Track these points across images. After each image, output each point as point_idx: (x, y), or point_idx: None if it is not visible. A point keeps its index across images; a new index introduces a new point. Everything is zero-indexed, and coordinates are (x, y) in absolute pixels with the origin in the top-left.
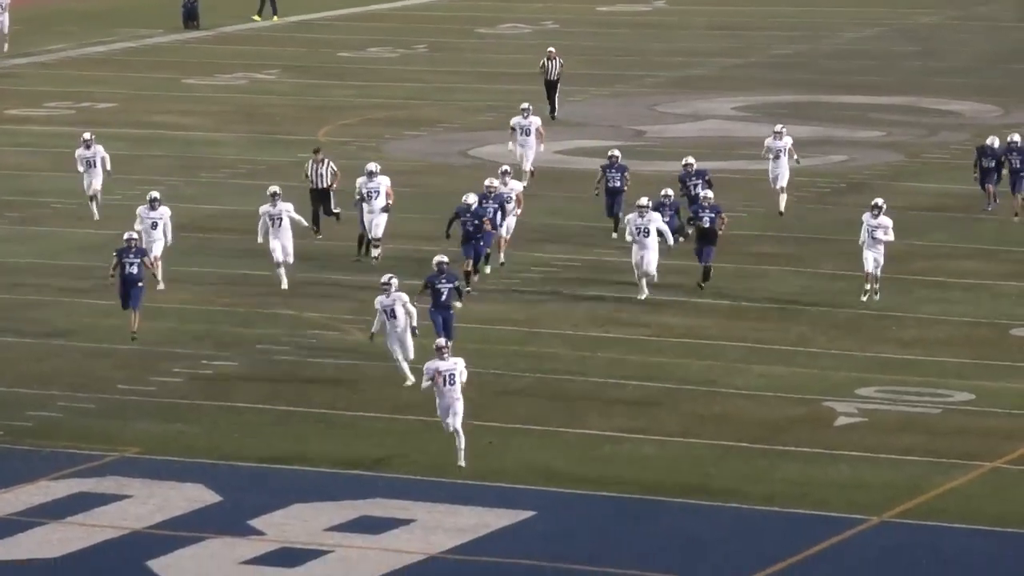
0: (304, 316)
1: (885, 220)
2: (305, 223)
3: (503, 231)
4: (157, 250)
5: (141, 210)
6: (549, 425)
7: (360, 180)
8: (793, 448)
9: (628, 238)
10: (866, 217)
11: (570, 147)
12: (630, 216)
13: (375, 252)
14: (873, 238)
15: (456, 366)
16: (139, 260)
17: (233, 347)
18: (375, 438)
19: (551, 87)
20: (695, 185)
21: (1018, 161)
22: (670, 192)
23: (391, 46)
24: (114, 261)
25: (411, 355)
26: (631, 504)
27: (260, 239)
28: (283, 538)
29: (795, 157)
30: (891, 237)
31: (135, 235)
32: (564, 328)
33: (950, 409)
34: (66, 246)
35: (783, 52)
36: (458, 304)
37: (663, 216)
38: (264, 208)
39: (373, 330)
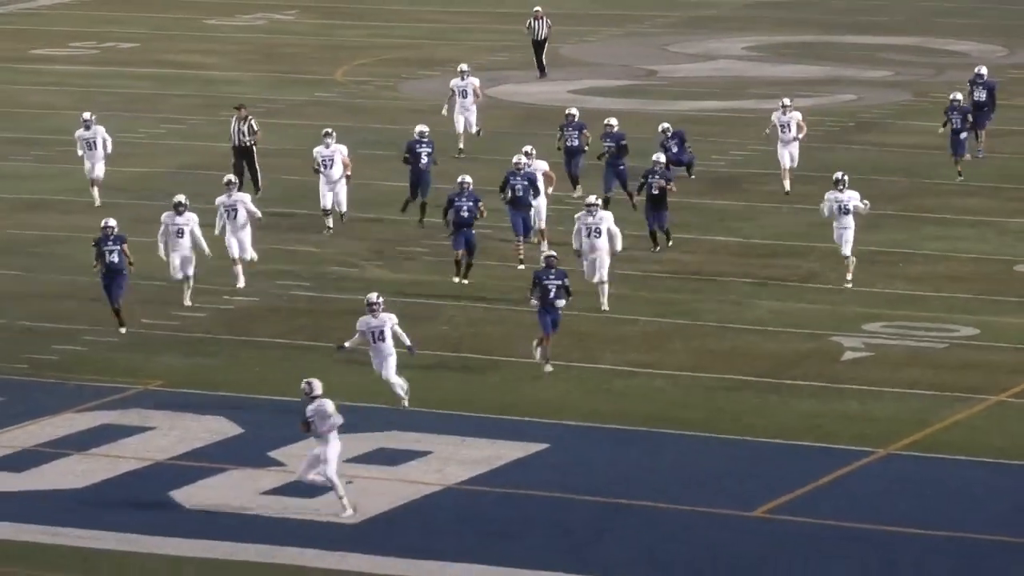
0: (322, 252)
1: (852, 193)
2: (259, 215)
3: (536, 217)
4: (188, 269)
5: (166, 216)
6: (561, 360)
7: (317, 149)
8: (802, 382)
9: (575, 243)
10: (830, 194)
11: (583, 87)
12: (578, 215)
13: (342, 222)
14: (843, 212)
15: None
16: (119, 248)
17: (253, 283)
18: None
19: (538, 47)
20: (674, 144)
21: (958, 120)
22: (667, 125)
23: None
24: (95, 252)
25: (392, 375)
26: (642, 437)
27: (217, 232)
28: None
29: (804, 133)
30: (864, 206)
31: (112, 221)
32: (577, 265)
33: (955, 344)
34: (88, 183)
35: None
36: (561, 302)
37: (669, 151)
38: (220, 199)
39: (346, 344)
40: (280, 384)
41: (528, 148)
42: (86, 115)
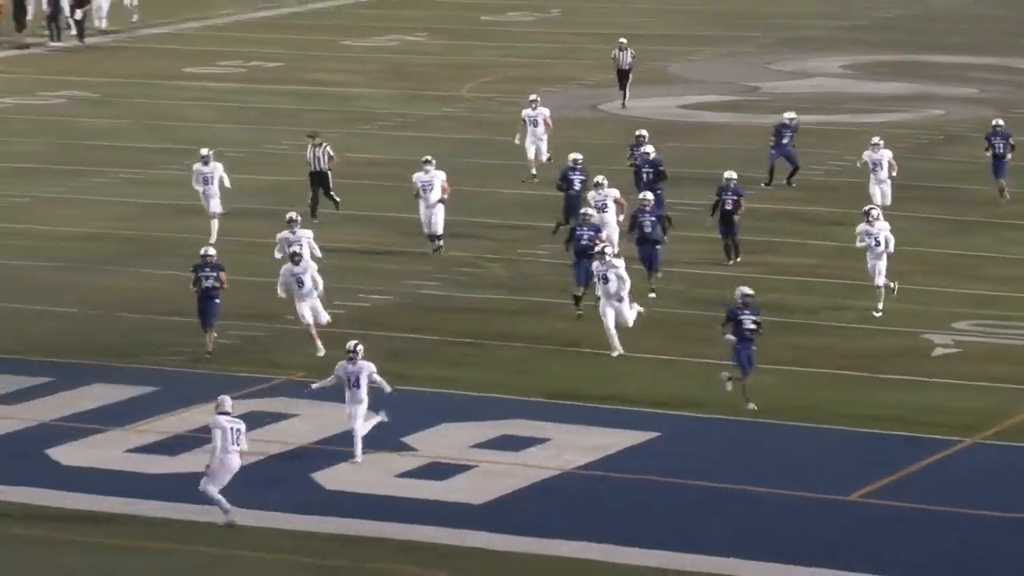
0: (451, 255)
1: (882, 225)
2: (319, 254)
3: (607, 245)
4: (314, 300)
5: (283, 235)
6: (670, 355)
7: (416, 175)
8: (894, 376)
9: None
10: (862, 226)
11: (690, 102)
12: (595, 265)
13: (439, 244)
14: (875, 244)
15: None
16: (215, 275)
17: (387, 282)
18: (515, 365)
19: (623, 76)
20: (647, 174)
21: (1001, 145)
22: (650, 197)
23: (528, 10)
24: (192, 276)
25: (364, 430)
26: (746, 426)
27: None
28: (433, 454)
29: (894, 171)
30: (890, 247)
31: (212, 250)
32: (682, 267)
33: None
34: (237, 190)
35: (883, 16)
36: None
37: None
38: (282, 234)
39: (314, 386)
40: (411, 375)
41: (600, 178)
42: (204, 151)
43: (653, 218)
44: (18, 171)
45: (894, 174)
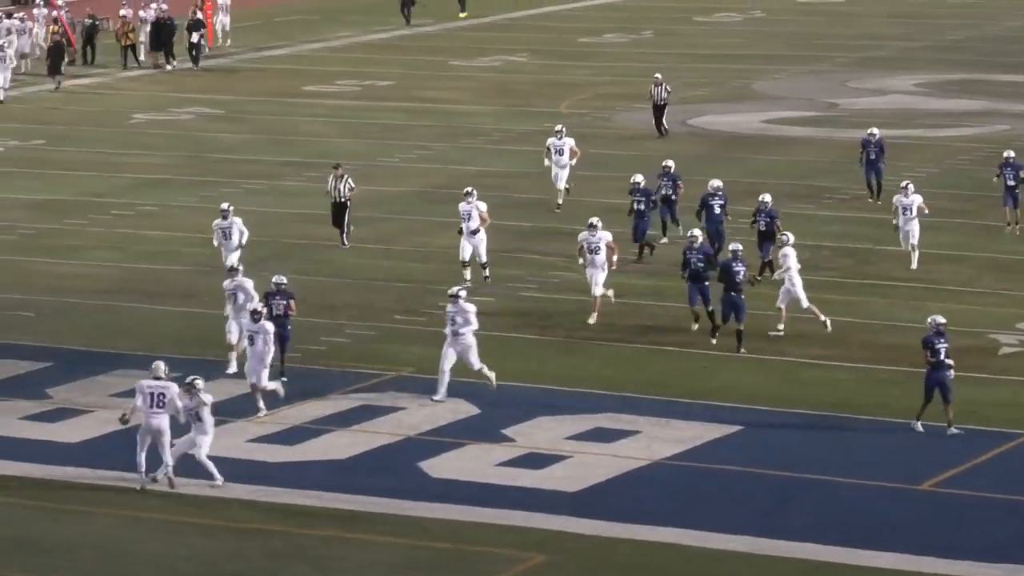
0: (547, 259)
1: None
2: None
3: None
4: (264, 366)
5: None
6: (755, 354)
7: (460, 204)
8: (962, 373)
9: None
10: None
11: (773, 117)
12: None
13: (486, 274)
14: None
15: (168, 389)
16: (285, 302)
17: (489, 285)
18: (606, 361)
19: (658, 111)
20: (666, 186)
21: (1011, 176)
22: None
23: (622, 32)
24: (261, 305)
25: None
26: (824, 420)
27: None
28: (530, 444)
29: (925, 212)
30: (924, 209)
31: (283, 279)
32: (767, 270)
33: None
34: (353, 200)
35: (953, 37)
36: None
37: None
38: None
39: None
40: (510, 371)
41: (594, 220)
42: (224, 205)
43: (701, 255)
44: (151, 181)
45: (926, 212)
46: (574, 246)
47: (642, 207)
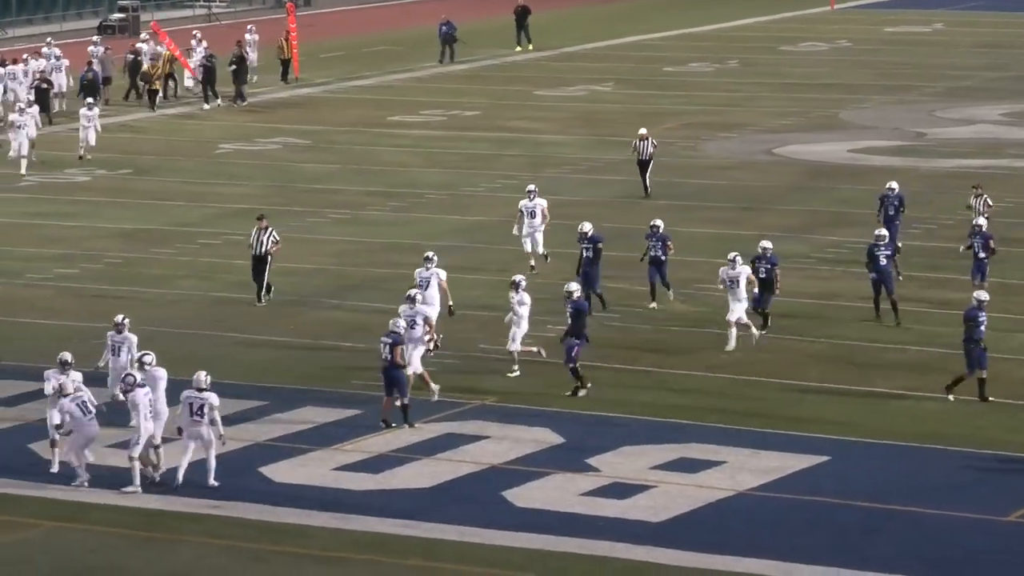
0: (632, 289)
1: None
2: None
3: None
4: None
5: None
6: (840, 383)
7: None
8: None
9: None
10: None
11: (861, 146)
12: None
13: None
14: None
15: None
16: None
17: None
18: (691, 393)
19: (643, 166)
20: (654, 247)
21: (979, 246)
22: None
23: (708, 61)
24: (382, 346)
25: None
26: (910, 451)
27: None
28: (615, 474)
29: (992, 244)
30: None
31: (401, 324)
32: (853, 300)
33: None
34: (438, 230)
35: None
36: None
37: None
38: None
39: (178, 425)
40: (595, 400)
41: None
42: (119, 317)
43: (888, 252)
44: (238, 211)
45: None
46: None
47: (660, 254)
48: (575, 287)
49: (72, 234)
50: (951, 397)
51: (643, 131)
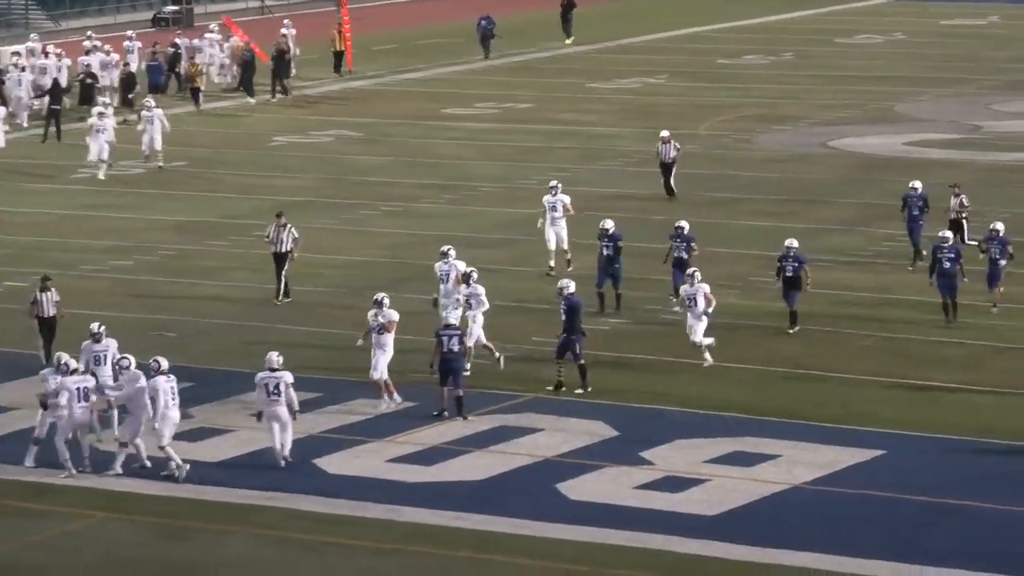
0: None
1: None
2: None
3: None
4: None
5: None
6: (896, 377)
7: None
8: None
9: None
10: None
11: (916, 139)
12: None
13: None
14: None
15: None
16: (460, 336)
17: (628, 307)
18: (747, 385)
19: (666, 169)
20: (678, 248)
21: (997, 250)
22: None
23: (762, 54)
24: (435, 341)
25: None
26: (965, 445)
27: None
28: (669, 468)
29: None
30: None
31: (453, 319)
32: (909, 294)
33: None
34: (491, 223)
35: None
36: None
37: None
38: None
39: (254, 411)
40: (649, 393)
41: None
42: (94, 326)
43: (952, 255)
44: (292, 203)
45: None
46: (716, 269)
47: (684, 255)
48: (568, 283)
49: (126, 226)
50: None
51: (665, 134)
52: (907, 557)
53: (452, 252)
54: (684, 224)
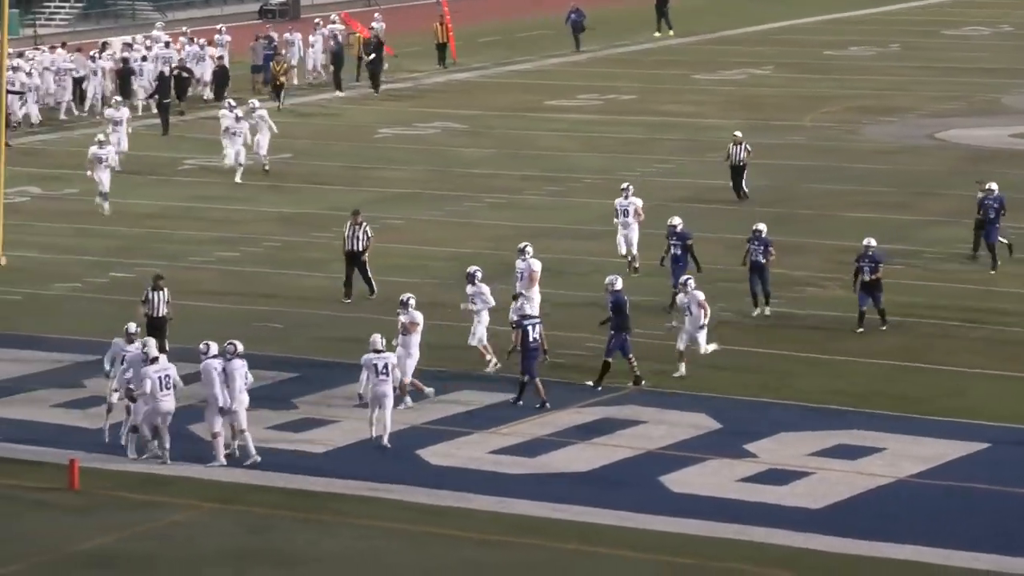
0: (793, 275)
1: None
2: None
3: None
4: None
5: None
6: (1002, 371)
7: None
8: None
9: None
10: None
11: (1022, 131)
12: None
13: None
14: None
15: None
16: (539, 323)
17: (730, 300)
18: (853, 377)
19: (736, 171)
20: (755, 250)
21: (992, 211)
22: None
23: (868, 45)
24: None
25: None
26: None
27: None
28: (773, 460)
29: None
30: None
31: (528, 306)
32: (1018, 287)
33: None
34: (594, 215)
35: None
36: None
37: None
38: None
39: (359, 391)
40: (753, 386)
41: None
42: (131, 327)
43: (872, 263)
44: (397, 195)
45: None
46: (819, 260)
47: (761, 259)
48: (615, 279)
49: (232, 217)
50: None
51: (738, 134)
52: (1011, 550)
53: (529, 249)
54: (762, 227)
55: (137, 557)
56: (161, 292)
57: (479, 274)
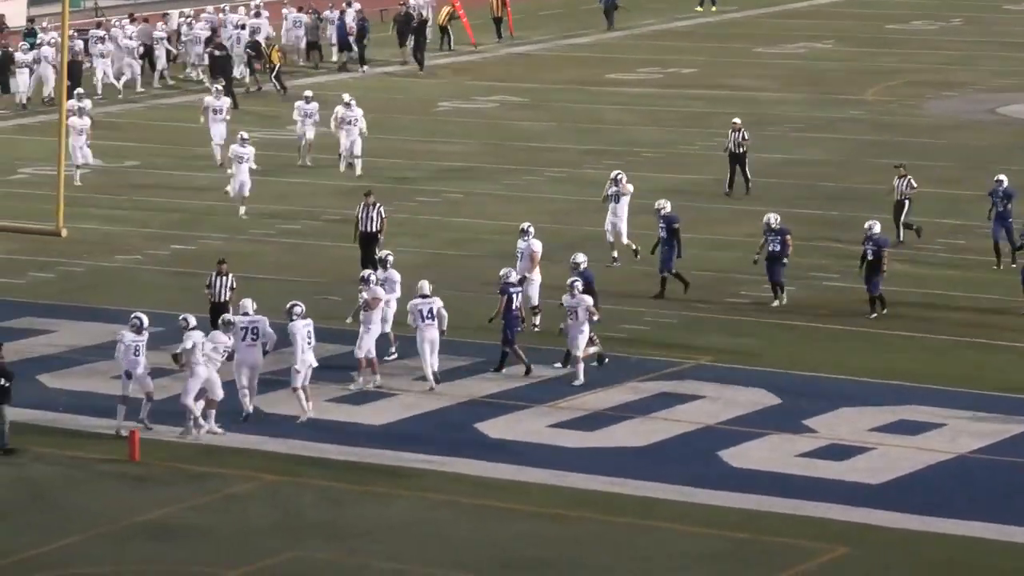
0: (851, 249)
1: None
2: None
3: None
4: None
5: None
6: None
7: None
8: None
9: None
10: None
11: None
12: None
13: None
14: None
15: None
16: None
17: (793, 273)
18: (913, 353)
19: (735, 160)
20: (773, 241)
21: (1001, 205)
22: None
23: (931, 19)
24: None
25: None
26: None
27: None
28: (832, 436)
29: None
30: None
31: (514, 277)
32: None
33: None
34: (654, 188)
35: None
36: None
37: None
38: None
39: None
40: (812, 361)
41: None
42: (140, 318)
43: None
44: (455, 169)
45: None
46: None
47: (777, 248)
48: (582, 257)
49: (293, 191)
50: None
51: (737, 120)
52: None
53: (531, 230)
54: (773, 217)
55: (195, 529)
56: (225, 278)
57: (391, 259)
